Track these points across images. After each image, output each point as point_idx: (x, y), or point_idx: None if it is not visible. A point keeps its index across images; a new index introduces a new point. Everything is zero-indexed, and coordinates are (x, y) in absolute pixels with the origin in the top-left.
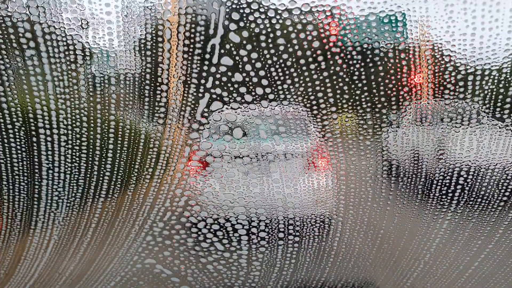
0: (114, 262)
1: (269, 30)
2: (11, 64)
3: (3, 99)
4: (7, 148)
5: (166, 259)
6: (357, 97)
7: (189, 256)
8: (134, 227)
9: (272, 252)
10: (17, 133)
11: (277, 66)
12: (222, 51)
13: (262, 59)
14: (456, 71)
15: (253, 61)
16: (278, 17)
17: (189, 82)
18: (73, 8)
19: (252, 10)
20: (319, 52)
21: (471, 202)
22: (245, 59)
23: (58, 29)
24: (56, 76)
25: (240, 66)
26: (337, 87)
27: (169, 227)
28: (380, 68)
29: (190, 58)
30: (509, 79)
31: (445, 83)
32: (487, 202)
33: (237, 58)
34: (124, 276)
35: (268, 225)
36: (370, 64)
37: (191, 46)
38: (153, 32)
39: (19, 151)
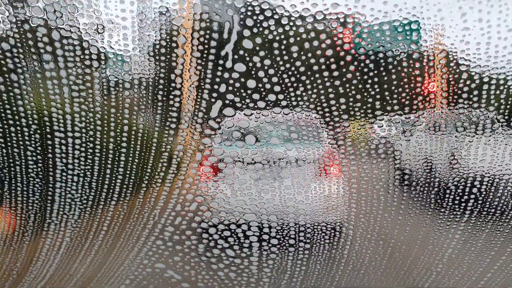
0: (125, 265)
1: (282, 37)
2: (28, 67)
3: (19, 102)
4: (22, 150)
5: (177, 264)
6: (369, 105)
7: (200, 261)
8: (144, 231)
9: (282, 259)
10: (32, 136)
11: (290, 73)
12: (236, 57)
13: (275, 65)
14: (471, 79)
15: (266, 68)
16: (291, 24)
17: (202, 87)
18: (89, 13)
19: (266, 17)
20: (332, 60)
21: (484, 212)
22: (259, 65)
23: (74, 33)
24: (72, 80)
25: (253, 72)
26: (350, 94)
27: (180, 232)
28: (394, 76)
29: (204, 63)
30: None
31: (459, 91)
32: (501, 212)
33: (250, 64)
34: (134, 279)
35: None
36: (384, 73)
37: (205, 51)
38: (168, 37)
39: (34, 153)
